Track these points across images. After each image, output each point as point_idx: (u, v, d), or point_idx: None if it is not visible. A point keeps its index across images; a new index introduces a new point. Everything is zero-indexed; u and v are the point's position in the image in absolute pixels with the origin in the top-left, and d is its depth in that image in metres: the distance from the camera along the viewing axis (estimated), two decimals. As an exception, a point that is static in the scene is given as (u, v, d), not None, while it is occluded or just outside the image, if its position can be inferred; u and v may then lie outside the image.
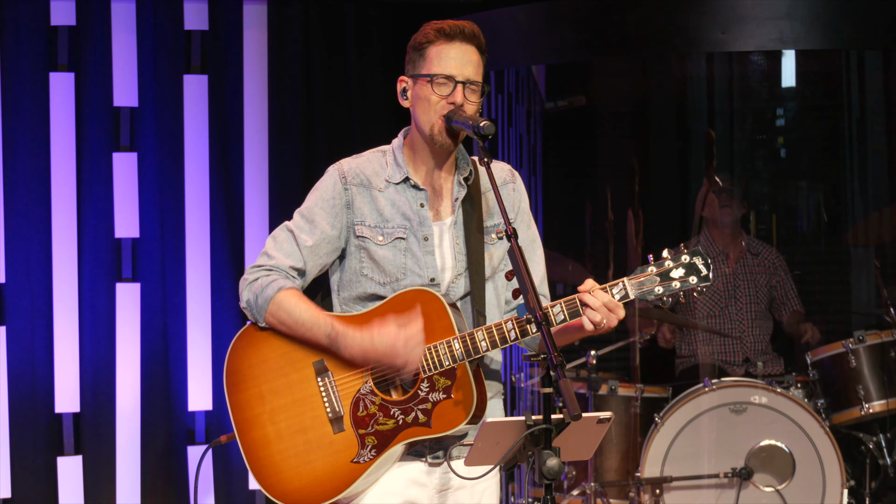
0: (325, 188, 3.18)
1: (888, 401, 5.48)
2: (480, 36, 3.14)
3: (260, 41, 5.71)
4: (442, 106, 3.08)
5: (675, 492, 5.28)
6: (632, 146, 7.02)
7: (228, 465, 5.61)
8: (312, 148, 5.79)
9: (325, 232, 3.14)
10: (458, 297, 3.14)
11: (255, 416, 3.11)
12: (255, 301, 3.11)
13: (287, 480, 3.08)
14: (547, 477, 2.69)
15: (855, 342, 5.51)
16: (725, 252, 6.05)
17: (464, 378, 3.02)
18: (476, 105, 3.11)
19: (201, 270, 5.61)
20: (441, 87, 3.09)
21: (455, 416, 3.02)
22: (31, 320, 5.39)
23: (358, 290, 3.15)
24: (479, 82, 3.11)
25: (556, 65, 6.74)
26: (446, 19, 3.16)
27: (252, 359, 3.14)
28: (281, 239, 3.17)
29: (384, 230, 3.13)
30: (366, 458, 3.06)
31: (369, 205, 3.14)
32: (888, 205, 6.55)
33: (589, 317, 2.98)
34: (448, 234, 3.16)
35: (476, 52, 3.13)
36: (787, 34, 5.48)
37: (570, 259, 6.55)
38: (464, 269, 3.14)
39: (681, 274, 3.03)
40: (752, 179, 7.15)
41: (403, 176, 3.15)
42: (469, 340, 3.01)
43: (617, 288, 3.01)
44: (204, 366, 5.59)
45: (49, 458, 5.44)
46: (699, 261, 3.03)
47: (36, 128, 5.40)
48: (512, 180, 3.26)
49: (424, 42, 3.13)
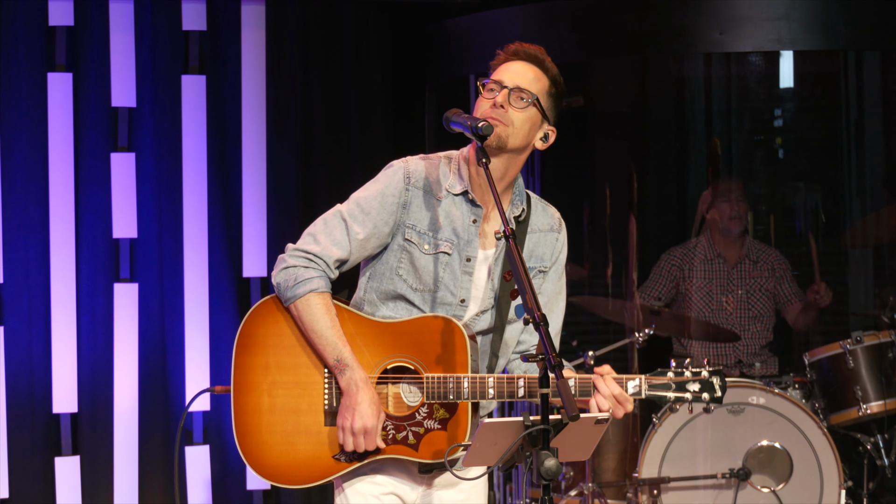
0: (388, 183, 3.13)
1: (886, 402, 5.48)
2: (547, 61, 3.13)
3: (258, 41, 5.71)
4: (486, 108, 3.08)
5: (672, 492, 5.28)
6: (630, 147, 7.02)
7: (226, 466, 5.61)
8: (310, 148, 5.79)
9: (378, 227, 3.12)
10: (478, 330, 3.15)
11: (255, 383, 3.12)
12: (285, 290, 3.10)
13: (267, 453, 3.11)
14: (545, 477, 2.69)
15: (853, 343, 5.50)
16: (724, 256, 6.06)
17: (462, 416, 3.05)
18: (522, 113, 3.07)
19: (199, 271, 5.61)
20: (489, 92, 3.10)
21: (443, 448, 3.05)
22: (28, 320, 5.38)
23: (388, 287, 3.14)
24: (530, 91, 3.08)
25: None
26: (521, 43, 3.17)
27: (269, 328, 3.14)
28: (332, 225, 3.13)
29: (432, 240, 3.11)
30: (346, 459, 3.09)
31: (425, 211, 3.12)
32: (886, 206, 6.55)
33: (598, 402, 2.99)
34: (485, 265, 3.15)
35: (535, 70, 3.12)
36: (786, 35, 5.48)
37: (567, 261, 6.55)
38: (490, 306, 3.15)
39: (696, 389, 3.10)
40: (750, 180, 7.15)
41: (464, 188, 3.13)
42: (479, 384, 3.03)
43: (632, 383, 3.04)
44: (202, 366, 5.59)
45: (47, 459, 5.44)
46: (717, 381, 3.11)
47: (34, 128, 5.40)
48: (558, 229, 3.26)
49: (494, 64, 3.16)
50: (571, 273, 6.26)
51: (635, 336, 5.54)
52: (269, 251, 5.67)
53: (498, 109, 3.06)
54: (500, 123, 3.05)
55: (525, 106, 3.08)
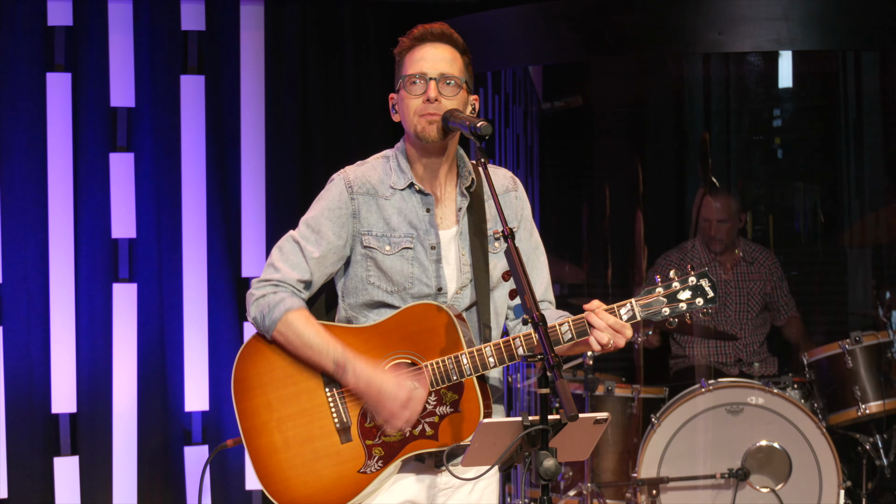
0: (331, 198, 3.15)
1: (885, 401, 5.48)
2: (454, 34, 3.12)
3: (257, 42, 5.71)
4: (417, 105, 3.05)
5: (671, 492, 5.28)
6: (628, 147, 7.02)
7: (225, 467, 5.61)
8: (309, 148, 5.79)
9: (332, 242, 3.12)
10: (463, 308, 3.14)
11: (263, 424, 3.11)
12: (263, 321, 3.10)
13: (294, 488, 3.09)
14: (544, 477, 2.68)
15: (851, 343, 5.51)
16: (719, 259, 6.06)
17: (471, 392, 3.04)
18: (454, 101, 3.06)
19: (198, 271, 5.61)
20: (415, 87, 3.07)
21: (462, 429, 3.04)
22: (27, 321, 5.38)
23: (364, 298, 3.13)
24: (456, 76, 3.07)
25: (552, 66, 6.74)
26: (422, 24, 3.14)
27: (260, 367, 3.13)
28: (287, 250, 3.15)
29: (391, 239, 3.10)
30: (373, 469, 3.07)
31: (376, 214, 3.12)
32: (884, 206, 6.55)
33: (596, 337, 2.97)
34: (453, 244, 3.14)
35: (450, 49, 3.10)
36: (784, 35, 5.49)
37: (566, 261, 6.55)
38: (469, 280, 3.14)
39: (688, 296, 3.05)
40: (749, 180, 7.15)
41: (408, 181, 3.12)
42: (477, 356, 3.02)
43: (624, 309, 3.01)
44: (200, 366, 5.59)
45: (45, 459, 5.44)
46: (706, 283, 3.05)
47: (32, 128, 5.40)
48: (514, 188, 3.23)
49: (399, 51, 3.13)
50: (571, 276, 6.27)
51: (635, 336, 5.54)
52: (268, 251, 5.64)
53: (432, 104, 3.04)
54: (438, 118, 3.04)
55: (456, 92, 3.07)
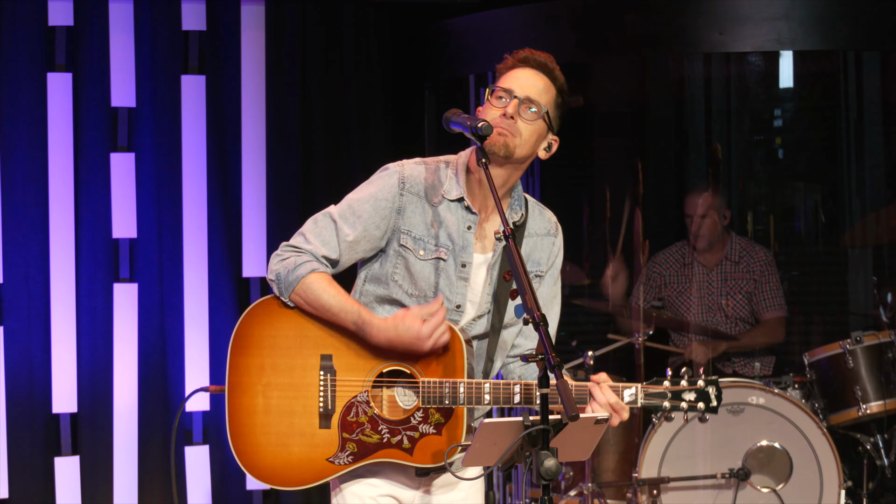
0: (381, 186, 3.12)
1: (886, 401, 5.47)
2: (556, 70, 3.12)
3: (257, 41, 5.71)
4: (495, 116, 3.05)
5: (672, 492, 5.28)
6: (629, 147, 7.02)
7: (225, 467, 5.61)
8: (310, 148, 5.79)
9: (369, 231, 3.11)
10: (474, 335, 3.15)
11: (250, 384, 3.12)
12: (286, 276, 3.08)
13: (261, 455, 3.10)
14: (545, 477, 2.68)
15: (852, 343, 5.50)
16: (699, 260, 6.06)
17: (457, 421, 3.05)
18: (530, 126, 3.06)
19: (199, 271, 5.61)
20: (499, 101, 3.08)
21: (438, 454, 3.05)
22: (28, 321, 5.38)
23: (382, 291, 3.13)
24: (541, 105, 3.07)
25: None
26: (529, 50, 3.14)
27: (265, 329, 3.13)
28: (322, 225, 3.13)
29: (427, 245, 3.10)
30: (341, 462, 3.08)
31: (420, 216, 3.10)
32: (885, 206, 6.55)
33: (594, 410, 2.99)
34: (483, 269, 3.14)
35: (546, 80, 3.10)
36: (785, 35, 5.49)
37: (566, 261, 6.54)
38: (487, 311, 3.14)
39: (691, 398, 3.09)
40: (750, 180, 7.15)
41: (460, 194, 3.11)
42: (475, 390, 3.03)
43: (629, 391, 3.04)
44: (201, 366, 5.59)
45: (46, 459, 5.44)
46: (712, 390, 3.09)
47: (33, 128, 5.40)
48: (555, 234, 3.25)
49: (501, 68, 3.15)
50: (573, 278, 6.27)
51: (635, 336, 5.54)
52: (269, 251, 5.67)
53: (507, 120, 3.05)
54: (508, 134, 3.04)
55: (535, 118, 3.07)
